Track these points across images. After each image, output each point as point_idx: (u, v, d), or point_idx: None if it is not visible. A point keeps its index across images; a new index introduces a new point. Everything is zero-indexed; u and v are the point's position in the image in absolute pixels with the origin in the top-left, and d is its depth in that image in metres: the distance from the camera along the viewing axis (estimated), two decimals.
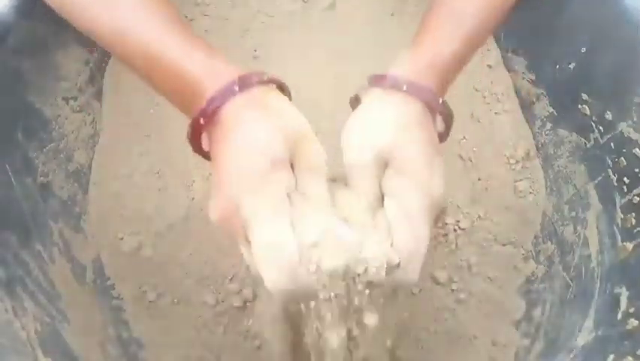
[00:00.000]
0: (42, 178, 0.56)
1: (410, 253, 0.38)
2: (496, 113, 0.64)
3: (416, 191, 0.39)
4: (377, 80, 0.42)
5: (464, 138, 0.63)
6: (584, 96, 0.58)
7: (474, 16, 0.43)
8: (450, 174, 0.63)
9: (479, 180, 0.63)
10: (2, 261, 0.49)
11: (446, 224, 0.63)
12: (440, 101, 0.42)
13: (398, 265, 0.38)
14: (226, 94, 0.37)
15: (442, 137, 0.44)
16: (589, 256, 0.58)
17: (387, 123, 0.40)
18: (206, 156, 0.41)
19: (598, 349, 0.52)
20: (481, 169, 0.64)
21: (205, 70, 0.39)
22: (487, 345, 0.62)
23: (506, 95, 0.64)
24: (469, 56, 0.45)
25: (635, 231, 0.53)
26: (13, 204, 0.52)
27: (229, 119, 0.37)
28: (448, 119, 0.44)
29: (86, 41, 0.59)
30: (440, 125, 0.44)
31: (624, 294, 0.52)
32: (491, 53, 0.64)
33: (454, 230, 0.63)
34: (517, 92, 0.65)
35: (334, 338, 0.41)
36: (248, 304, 0.62)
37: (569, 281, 0.59)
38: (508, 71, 0.66)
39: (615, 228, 0.55)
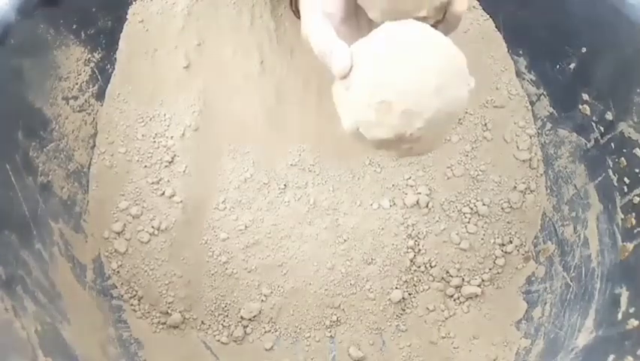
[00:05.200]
0: (42, 178, 0.56)
1: None
2: (497, 110, 0.64)
3: None
4: None
5: (462, 137, 0.63)
6: (584, 96, 0.58)
7: None
8: (449, 174, 0.63)
9: (479, 179, 0.63)
10: (2, 261, 0.48)
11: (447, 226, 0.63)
12: None
13: None
14: None
15: None
16: (589, 256, 0.58)
17: None
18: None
19: (598, 349, 0.52)
20: (480, 168, 0.64)
21: None
22: (487, 345, 0.62)
23: (510, 95, 0.64)
24: None
25: (636, 231, 0.53)
26: (13, 204, 0.52)
27: None
28: None
29: (87, 41, 0.59)
30: None
31: (624, 294, 0.52)
32: (499, 61, 0.64)
33: (455, 231, 0.63)
34: None
35: None
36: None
37: (569, 281, 0.59)
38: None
39: (615, 228, 0.55)
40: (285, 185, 0.63)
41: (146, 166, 0.61)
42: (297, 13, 0.51)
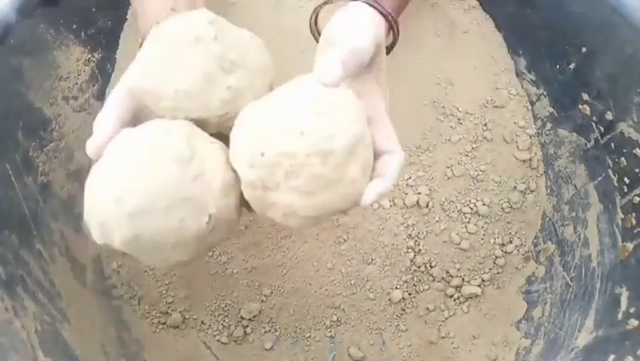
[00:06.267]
0: (42, 178, 0.56)
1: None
2: (497, 110, 0.64)
3: (382, 98, 0.46)
4: None
5: (462, 137, 0.63)
6: (584, 96, 0.58)
7: None
8: (449, 174, 0.63)
9: (479, 179, 0.63)
10: (3, 260, 0.49)
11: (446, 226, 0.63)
12: (396, 22, 0.49)
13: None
14: None
15: (388, 50, 0.50)
16: (589, 256, 0.58)
17: (366, 30, 0.44)
18: None
19: (598, 349, 0.52)
20: (480, 168, 0.64)
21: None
22: (487, 345, 0.62)
23: (510, 95, 0.64)
24: None
25: (636, 231, 0.53)
26: (13, 204, 0.52)
27: None
28: (396, 39, 0.50)
29: (87, 41, 0.59)
30: (389, 40, 0.50)
31: (624, 294, 0.52)
32: (499, 61, 0.64)
33: (455, 231, 0.63)
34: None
35: None
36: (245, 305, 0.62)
37: (569, 281, 0.59)
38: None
39: (615, 228, 0.55)
40: None
41: None
42: None
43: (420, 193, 0.63)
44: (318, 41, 0.48)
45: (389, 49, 0.50)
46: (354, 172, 0.38)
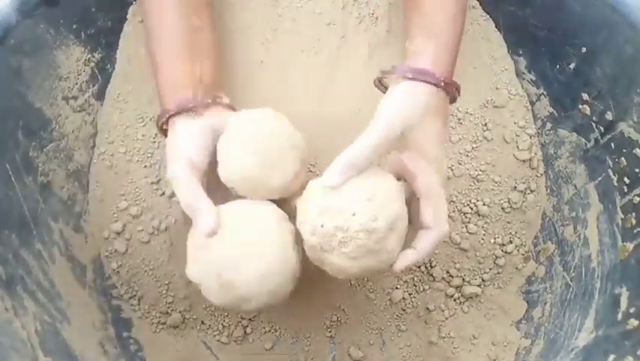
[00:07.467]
0: (42, 178, 0.56)
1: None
2: (497, 110, 0.64)
3: (437, 172, 0.48)
4: (404, 71, 0.49)
5: (462, 137, 0.63)
6: (584, 96, 0.58)
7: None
8: (449, 174, 0.63)
9: (479, 179, 0.63)
10: (2, 260, 0.49)
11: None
12: (456, 89, 0.50)
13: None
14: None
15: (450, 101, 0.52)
16: (589, 256, 0.58)
17: (417, 108, 0.48)
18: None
19: (598, 349, 0.52)
20: (480, 168, 0.64)
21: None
22: (487, 345, 0.62)
23: (510, 95, 0.64)
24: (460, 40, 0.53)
25: (636, 231, 0.53)
26: (13, 204, 0.52)
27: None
28: (456, 97, 0.52)
29: (87, 41, 0.59)
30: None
31: (624, 294, 0.52)
32: (499, 61, 0.64)
33: (455, 231, 0.63)
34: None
35: None
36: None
37: (569, 281, 0.59)
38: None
39: (615, 228, 0.55)
40: None
41: (146, 166, 0.61)
42: (162, 131, 0.53)
43: None
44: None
45: (451, 101, 0.52)
46: (392, 244, 0.47)
